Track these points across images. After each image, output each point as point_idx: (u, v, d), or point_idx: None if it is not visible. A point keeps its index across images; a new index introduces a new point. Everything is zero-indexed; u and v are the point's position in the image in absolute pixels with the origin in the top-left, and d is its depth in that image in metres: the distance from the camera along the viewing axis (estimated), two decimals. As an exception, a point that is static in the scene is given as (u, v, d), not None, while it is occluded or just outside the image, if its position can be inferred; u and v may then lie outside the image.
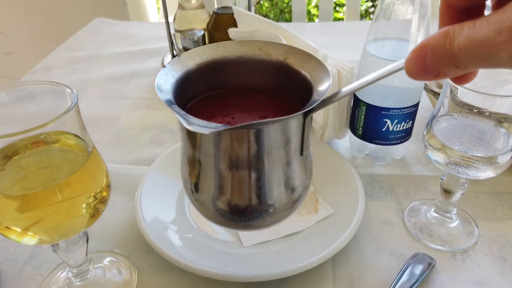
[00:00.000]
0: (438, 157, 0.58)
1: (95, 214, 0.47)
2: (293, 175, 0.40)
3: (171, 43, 1.06)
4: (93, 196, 0.45)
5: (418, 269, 0.57)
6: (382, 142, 0.76)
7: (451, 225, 0.66)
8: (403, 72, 0.31)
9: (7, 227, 0.43)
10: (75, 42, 1.39)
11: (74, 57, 1.27)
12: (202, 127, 0.33)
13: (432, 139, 0.58)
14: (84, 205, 0.45)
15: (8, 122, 0.45)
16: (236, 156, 0.37)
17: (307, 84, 0.40)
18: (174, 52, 1.08)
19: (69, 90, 0.45)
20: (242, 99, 0.46)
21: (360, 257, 0.62)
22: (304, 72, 0.41)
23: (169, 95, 0.38)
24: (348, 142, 0.84)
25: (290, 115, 0.34)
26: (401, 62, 0.32)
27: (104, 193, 0.48)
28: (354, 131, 0.79)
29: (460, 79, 0.33)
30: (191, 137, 0.39)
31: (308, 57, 0.41)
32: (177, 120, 0.36)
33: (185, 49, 1.01)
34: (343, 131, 0.83)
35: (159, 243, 0.58)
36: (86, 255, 0.54)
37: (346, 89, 0.37)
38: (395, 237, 0.65)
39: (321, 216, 0.66)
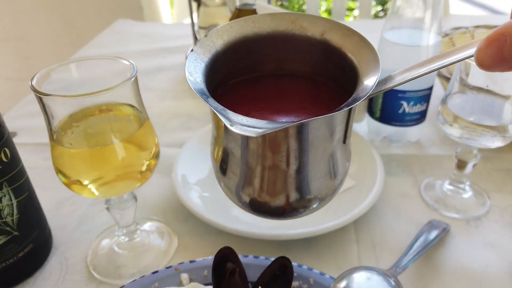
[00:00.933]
0: (452, 130, 0.64)
1: (145, 175, 0.53)
2: (336, 164, 0.37)
3: (195, 38, 1.12)
4: (145, 158, 0.51)
5: (434, 233, 0.62)
6: (398, 123, 0.82)
7: (464, 196, 0.71)
8: (416, 55, 0.31)
9: (73, 180, 0.49)
10: (100, 41, 1.46)
11: (100, 53, 1.34)
12: (248, 127, 0.29)
13: (447, 113, 0.64)
14: (138, 166, 0.52)
15: (77, 89, 0.51)
16: (282, 151, 0.34)
17: (350, 65, 0.36)
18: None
19: (127, 63, 0.51)
20: (277, 85, 0.41)
21: (380, 224, 0.67)
22: (345, 51, 0.36)
23: (202, 85, 0.34)
24: (366, 127, 0.90)
25: (340, 109, 0.31)
26: (470, 51, 0.30)
27: (153, 161, 0.55)
28: (372, 114, 0.85)
29: None
30: (229, 132, 0.35)
31: (349, 32, 0.36)
32: (208, 109, 0.33)
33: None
34: (361, 115, 0.88)
35: (196, 209, 0.64)
36: (134, 217, 0.60)
37: (402, 77, 0.33)
38: (413, 207, 0.70)
39: (344, 188, 0.71)
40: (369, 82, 0.32)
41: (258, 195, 0.36)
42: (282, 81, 0.42)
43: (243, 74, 0.41)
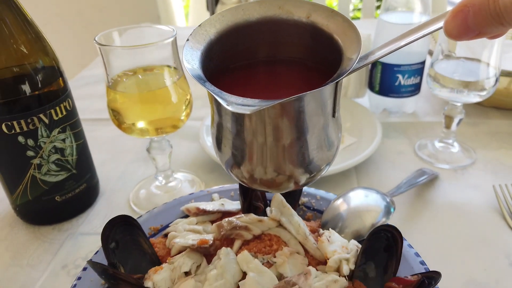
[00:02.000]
0: (440, 90, 0.75)
1: (182, 119, 0.65)
2: (328, 136, 0.39)
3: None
4: (182, 104, 0.63)
5: (424, 176, 0.73)
6: (396, 95, 0.93)
7: (453, 151, 0.82)
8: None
9: (124, 121, 0.62)
10: (125, 40, 1.60)
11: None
12: (242, 106, 0.31)
13: (434, 74, 0.75)
14: (177, 110, 0.63)
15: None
16: (276, 128, 0.36)
17: (335, 44, 0.37)
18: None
19: (169, 28, 0.63)
20: (269, 70, 0.44)
21: (378, 172, 0.78)
22: (330, 31, 0.38)
23: (199, 71, 0.36)
24: (367, 101, 1.01)
25: (326, 84, 0.33)
26: (440, 24, 0.32)
27: (188, 110, 0.66)
28: (372, 88, 0.96)
29: (495, 36, 0.31)
30: (226, 112, 0.37)
31: (333, 13, 0.37)
32: (208, 94, 0.35)
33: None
34: (363, 90, 1.00)
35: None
36: (169, 163, 0.72)
37: (381, 51, 0.36)
38: (407, 161, 0.81)
39: (346, 144, 0.82)
40: (352, 58, 0.34)
41: (255, 169, 0.38)
42: (275, 66, 0.44)
43: (237, 60, 0.43)
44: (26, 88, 0.58)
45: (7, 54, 0.56)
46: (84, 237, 0.66)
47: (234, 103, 0.32)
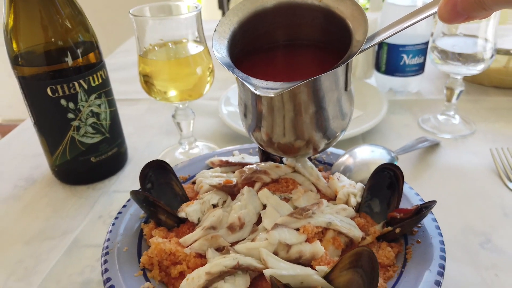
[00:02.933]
0: (441, 63, 0.81)
1: (205, 86, 0.72)
2: (343, 107, 0.46)
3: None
4: (206, 70, 0.71)
5: (426, 142, 0.79)
6: (401, 74, 0.99)
7: (454, 122, 0.88)
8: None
9: (153, 86, 0.69)
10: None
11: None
12: (267, 89, 0.37)
13: (436, 48, 0.81)
14: (201, 76, 0.71)
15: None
16: (297, 103, 0.42)
17: (344, 26, 0.42)
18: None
19: (195, 5, 0.71)
20: (288, 52, 0.49)
21: (384, 140, 0.84)
22: (340, 14, 0.42)
23: (227, 59, 0.41)
24: (374, 81, 1.07)
25: (338, 66, 0.39)
26: (434, 8, 0.37)
27: (211, 77, 0.74)
28: (378, 69, 1.02)
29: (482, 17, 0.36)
30: (253, 94, 0.44)
31: None
32: (236, 78, 0.42)
33: (241, 25, 1.28)
34: (370, 71, 1.06)
35: (240, 127, 0.82)
36: (192, 129, 0.79)
37: (386, 33, 0.41)
38: (412, 132, 0.87)
39: (355, 116, 0.89)
40: (360, 40, 0.39)
41: (278, 138, 0.46)
42: (291, 48, 0.49)
43: (258, 43, 0.48)
44: (69, 57, 0.66)
45: (54, 29, 0.64)
46: (117, 194, 0.73)
47: (260, 87, 0.37)
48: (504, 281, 0.53)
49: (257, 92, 0.37)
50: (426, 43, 0.96)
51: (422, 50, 0.96)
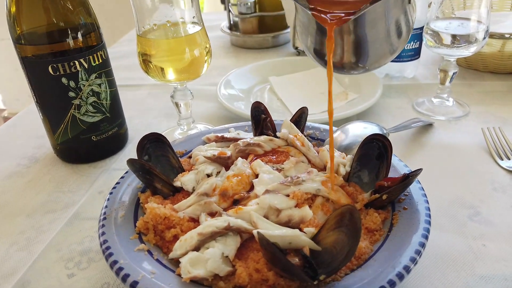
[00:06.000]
0: (434, 45, 0.83)
1: (203, 66, 0.74)
2: (409, 17, 0.49)
3: (229, 11, 1.35)
4: (204, 50, 0.73)
5: (419, 122, 0.80)
6: (397, 59, 1.01)
7: (448, 104, 0.89)
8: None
9: (150, 64, 0.71)
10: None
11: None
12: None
13: (428, 31, 0.83)
14: (198, 56, 0.73)
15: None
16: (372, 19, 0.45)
17: None
18: (231, 18, 1.36)
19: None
20: None
21: (378, 121, 0.85)
22: None
23: None
24: (371, 68, 1.09)
25: None
26: None
27: (208, 56, 0.75)
28: (375, 54, 1.04)
29: None
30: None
31: None
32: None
33: (241, 13, 1.30)
34: (367, 57, 1.08)
35: (239, 111, 0.84)
36: (190, 110, 0.81)
37: None
38: (406, 114, 0.89)
39: (350, 99, 0.90)
40: None
41: (340, 55, 0.49)
42: None
43: None
44: (69, 37, 0.68)
45: (55, 10, 0.66)
46: (117, 172, 0.75)
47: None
48: (491, 251, 0.55)
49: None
50: (422, 28, 0.97)
51: (418, 35, 0.98)
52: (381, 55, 0.50)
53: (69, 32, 0.67)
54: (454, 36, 0.79)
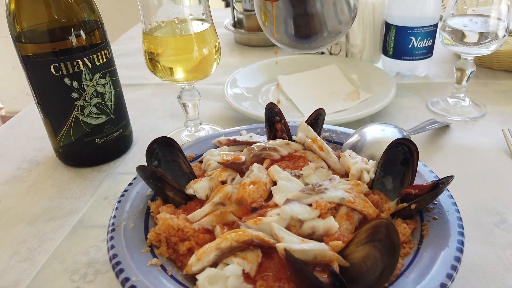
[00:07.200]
0: (451, 43, 0.79)
1: (212, 65, 0.71)
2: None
3: (233, 8, 1.31)
4: (212, 48, 0.69)
5: (436, 124, 0.77)
6: (409, 57, 0.97)
7: (464, 105, 0.86)
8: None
9: (157, 64, 0.67)
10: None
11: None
12: None
13: (446, 28, 0.79)
14: (207, 54, 0.69)
15: None
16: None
17: None
18: (235, 15, 1.33)
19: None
20: None
21: (392, 122, 0.82)
22: None
23: None
24: (381, 66, 1.06)
25: None
26: None
27: (217, 56, 0.72)
28: (386, 52, 1.01)
29: None
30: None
31: None
32: None
33: (246, 10, 1.27)
34: (377, 56, 1.05)
35: (246, 111, 0.81)
36: (198, 111, 0.77)
37: None
38: (421, 114, 0.86)
39: (362, 99, 0.87)
40: None
41: (293, 32, 0.57)
42: None
43: None
44: (72, 35, 0.64)
45: (57, 6, 0.62)
46: (122, 176, 0.72)
47: None
48: (521, 261, 0.52)
49: None
50: (435, 25, 0.94)
51: (431, 32, 0.94)
52: (322, 32, 0.58)
53: (72, 29, 0.64)
54: (475, 34, 0.76)
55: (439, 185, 0.47)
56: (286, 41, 0.61)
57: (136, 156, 0.77)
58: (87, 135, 0.71)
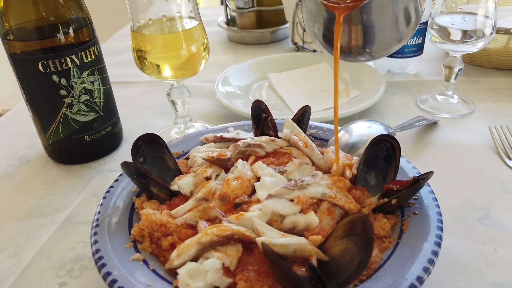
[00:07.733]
0: (440, 41, 0.80)
1: (201, 62, 0.71)
2: (418, 5, 0.50)
3: (226, 6, 1.32)
4: (201, 46, 0.69)
5: (424, 121, 0.78)
6: (399, 55, 0.98)
7: (452, 102, 0.87)
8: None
9: (145, 61, 0.68)
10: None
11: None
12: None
13: (434, 26, 0.80)
14: (196, 52, 0.69)
15: None
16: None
17: None
18: (228, 13, 1.33)
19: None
20: None
21: (381, 119, 0.82)
22: None
23: None
24: (371, 65, 1.06)
25: None
26: None
27: (206, 53, 0.72)
28: (377, 50, 1.01)
29: None
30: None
31: None
32: None
33: (239, 8, 1.27)
34: (368, 53, 1.05)
35: (238, 109, 0.81)
36: (187, 108, 0.78)
37: None
38: (410, 112, 0.86)
39: (352, 96, 0.88)
40: None
41: (348, 41, 0.50)
42: None
43: None
44: (60, 32, 0.64)
45: (45, 4, 0.63)
46: (112, 173, 0.72)
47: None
48: (503, 256, 0.52)
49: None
50: (425, 23, 0.95)
51: (421, 30, 0.95)
52: (388, 42, 0.51)
53: (60, 27, 0.64)
54: (461, 32, 0.76)
55: (420, 181, 0.47)
56: (347, 53, 0.53)
57: (126, 153, 0.78)
58: (76, 132, 0.71)
